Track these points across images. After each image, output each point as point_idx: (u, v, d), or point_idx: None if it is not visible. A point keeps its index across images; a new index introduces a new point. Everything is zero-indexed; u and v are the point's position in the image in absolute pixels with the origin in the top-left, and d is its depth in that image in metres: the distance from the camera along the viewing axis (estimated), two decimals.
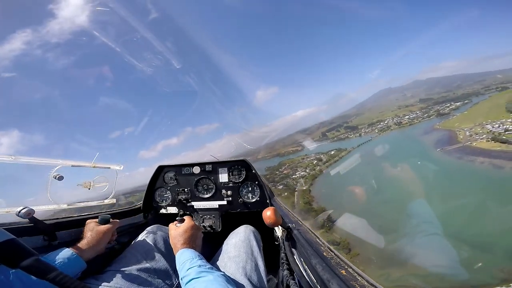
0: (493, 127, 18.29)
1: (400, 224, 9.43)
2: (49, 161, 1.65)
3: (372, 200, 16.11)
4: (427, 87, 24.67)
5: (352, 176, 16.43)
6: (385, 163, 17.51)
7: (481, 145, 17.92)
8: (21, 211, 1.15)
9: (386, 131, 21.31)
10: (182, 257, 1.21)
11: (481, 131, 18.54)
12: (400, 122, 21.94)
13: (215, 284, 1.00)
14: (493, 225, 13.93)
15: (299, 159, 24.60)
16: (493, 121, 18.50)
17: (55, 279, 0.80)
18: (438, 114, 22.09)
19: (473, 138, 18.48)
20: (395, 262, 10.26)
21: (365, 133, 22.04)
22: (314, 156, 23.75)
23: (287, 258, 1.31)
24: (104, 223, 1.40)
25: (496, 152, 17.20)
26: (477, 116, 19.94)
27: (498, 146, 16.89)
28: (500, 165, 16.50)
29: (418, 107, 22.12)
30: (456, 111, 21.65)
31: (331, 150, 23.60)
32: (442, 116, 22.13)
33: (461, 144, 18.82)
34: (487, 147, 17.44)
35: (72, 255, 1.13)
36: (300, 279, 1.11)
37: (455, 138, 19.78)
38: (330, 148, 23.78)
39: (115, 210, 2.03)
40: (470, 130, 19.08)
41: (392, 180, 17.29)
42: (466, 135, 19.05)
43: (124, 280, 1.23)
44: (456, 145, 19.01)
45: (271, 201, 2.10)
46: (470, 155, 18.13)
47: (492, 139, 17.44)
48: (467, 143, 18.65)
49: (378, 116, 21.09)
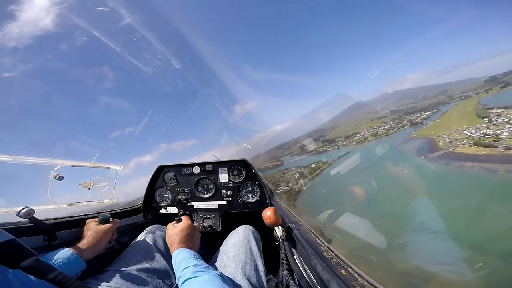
0: (471, 133, 18.35)
1: (399, 237, 9.23)
2: (49, 161, 1.65)
3: (367, 213, 15.93)
4: (395, 100, 24.95)
5: (339, 188, 16.13)
6: (372, 173, 17.30)
7: (465, 150, 17.91)
8: (21, 211, 1.15)
9: (364, 142, 21.32)
10: (178, 256, 1.21)
11: (460, 137, 18.58)
12: (376, 133, 21.96)
13: (210, 283, 1.00)
14: (496, 227, 13.89)
15: (280, 174, 24.51)
16: (469, 127, 18.59)
17: (54, 279, 0.80)
18: (411, 123, 22.26)
19: (454, 144, 18.50)
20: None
21: (342, 145, 22.00)
22: (295, 170, 23.60)
23: (287, 258, 1.31)
24: (104, 223, 1.39)
25: (483, 157, 17.16)
26: (451, 123, 20.07)
27: (483, 150, 16.91)
28: (492, 169, 16.44)
29: (390, 118, 22.25)
30: (428, 120, 21.84)
31: (311, 163, 23.45)
32: (415, 125, 22.28)
33: (444, 151, 18.80)
34: (472, 152, 17.43)
35: (71, 255, 1.13)
36: (300, 279, 1.11)
37: (436, 145, 19.78)
38: (311, 161, 23.61)
39: (115, 210, 2.03)
40: (448, 136, 19.13)
41: (384, 189, 17.13)
42: (446, 142, 19.08)
43: (123, 280, 1.23)
44: (439, 152, 18.99)
45: (271, 201, 2.10)
46: (456, 161, 18.06)
47: (474, 144, 17.46)
48: (450, 149, 18.65)
49: (353, 129, 21.14)
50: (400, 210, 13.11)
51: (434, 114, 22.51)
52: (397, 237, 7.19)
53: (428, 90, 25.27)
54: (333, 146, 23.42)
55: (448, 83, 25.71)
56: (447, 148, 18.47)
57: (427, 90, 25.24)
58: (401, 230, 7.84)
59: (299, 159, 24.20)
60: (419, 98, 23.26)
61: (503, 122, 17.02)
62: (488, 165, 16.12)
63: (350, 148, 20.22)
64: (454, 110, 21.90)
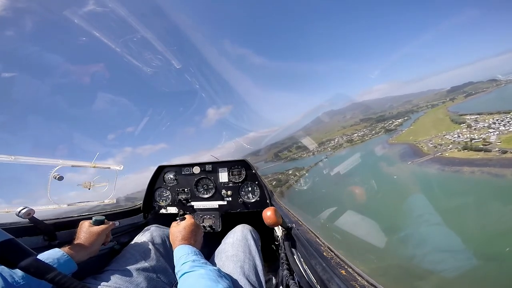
0: (453, 137, 18.17)
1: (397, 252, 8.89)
2: (49, 161, 1.65)
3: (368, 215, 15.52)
4: (364, 109, 24.96)
5: (327, 196, 15.63)
6: (359, 179, 16.77)
7: (455, 155, 17.58)
8: (21, 211, 1.15)
9: (339, 149, 21.11)
10: (178, 252, 1.22)
11: (443, 142, 18.37)
12: (351, 139, 21.81)
13: (206, 277, 1.01)
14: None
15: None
16: (449, 132, 18.46)
17: (54, 279, 0.79)
18: (385, 130, 22.17)
19: (440, 149, 18.28)
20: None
21: (317, 151, 21.85)
22: (272, 177, 23.37)
23: (287, 258, 1.31)
24: (98, 224, 1.36)
25: (479, 161, 16.81)
26: (427, 129, 19.96)
27: (476, 154, 16.66)
28: (499, 174, 16.09)
29: (362, 126, 22.18)
30: (401, 126, 21.81)
31: (288, 169, 23.16)
32: (390, 132, 22.17)
33: (431, 156, 18.48)
34: (465, 157, 17.14)
35: (63, 256, 1.11)
36: (300, 279, 1.11)
37: (420, 151, 19.51)
38: (287, 167, 23.31)
39: (115, 210, 2.03)
40: (430, 142, 18.94)
41: (379, 197, 16.67)
42: (430, 147, 18.85)
43: (123, 280, 1.23)
44: (426, 157, 18.66)
45: (271, 201, 2.10)
46: (450, 166, 17.66)
47: (464, 149, 17.21)
48: (438, 154, 18.35)
49: (326, 136, 20.95)
50: (400, 219, 12.66)
51: (405, 121, 22.58)
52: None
53: (394, 100, 25.55)
54: (308, 153, 23.26)
55: (411, 94, 26.16)
56: (434, 153, 18.26)
57: (392, 100, 25.54)
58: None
59: (273, 166, 23.78)
60: (386, 107, 23.47)
61: (484, 127, 17.01)
62: (492, 170, 15.85)
63: (326, 154, 20.02)
64: (425, 117, 21.95)
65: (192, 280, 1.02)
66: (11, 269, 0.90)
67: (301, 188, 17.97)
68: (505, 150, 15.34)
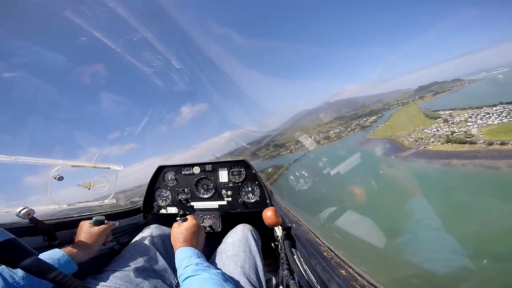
0: (432, 131, 18.15)
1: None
2: (49, 161, 1.65)
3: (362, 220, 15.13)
4: (337, 108, 25.20)
5: (316, 192, 15.26)
6: (346, 176, 16.37)
7: (440, 148, 17.47)
8: (21, 211, 1.14)
9: (317, 146, 21.12)
10: (180, 254, 1.21)
11: (423, 136, 18.34)
12: (328, 136, 21.85)
13: (210, 282, 1.00)
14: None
15: None
16: (427, 127, 18.49)
17: (55, 279, 0.80)
18: (361, 127, 22.30)
19: (422, 143, 18.21)
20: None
21: (295, 149, 21.87)
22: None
23: (287, 258, 1.31)
24: (98, 225, 1.36)
25: (467, 153, 16.66)
26: (404, 125, 20.05)
27: (461, 147, 16.55)
28: (493, 166, 15.94)
29: (337, 124, 22.33)
30: (376, 123, 22.01)
31: (267, 167, 23.07)
32: (365, 128, 22.28)
33: (414, 149, 18.36)
34: (451, 149, 17.02)
35: (63, 256, 1.11)
36: (300, 279, 1.11)
37: (401, 145, 19.47)
38: (266, 166, 23.19)
39: (115, 210, 2.03)
40: (409, 136, 18.93)
41: (371, 192, 16.41)
42: (411, 141, 18.79)
43: (123, 280, 1.23)
44: (410, 151, 18.49)
45: (271, 201, 2.10)
46: (438, 159, 17.49)
47: (447, 142, 17.12)
48: (421, 148, 18.25)
49: (302, 134, 21.14)
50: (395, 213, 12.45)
51: (379, 118, 22.72)
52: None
53: (365, 100, 25.84)
54: (285, 150, 23.20)
55: (381, 93, 26.60)
56: (416, 146, 18.15)
57: (364, 99, 25.84)
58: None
59: (253, 164, 23.51)
60: (358, 106, 23.68)
61: (462, 121, 17.08)
62: (485, 162, 15.72)
63: (304, 151, 19.96)
64: (398, 114, 22.10)
65: (196, 285, 1.00)
66: (13, 268, 0.90)
67: (293, 186, 17.89)
68: (491, 142, 15.22)
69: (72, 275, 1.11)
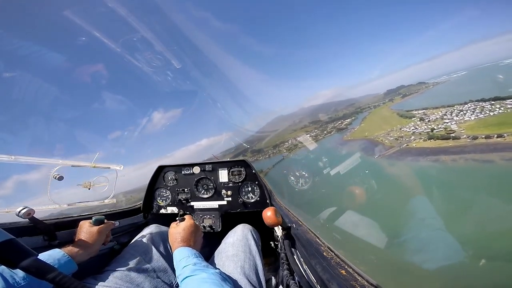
0: (411, 130, 18.30)
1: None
2: (49, 161, 1.65)
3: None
4: (310, 113, 25.50)
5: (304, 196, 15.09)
6: (334, 180, 16.34)
7: (424, 144, 17.45)
8: (21, 211, 1.14)
9: (295, 150, 21.08)
10: (178, 255, 1.21)
11: (403, 134, 18.49)
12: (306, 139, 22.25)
13: (209, 281, 1.00)
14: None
15: None
16: (404, 126, 18.73)
17: (54, 279, 0.79)
18: (337, 129, 22.60)
19: (404, 141, 18.34)
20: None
21: (273, 153, 21.90)
22: None
23: (287, 258, 1.31)
24: (98, 224, 1.36)
25: (454, 148, 16.54)
26: (380, 125, 20.27)
27: (446, 143, 16.52)
28: (486, 159, 15.79)
29: (313, 128, 22.59)
30: (351, 125, 22.40)
31: None
32: (341, 130, 22.59)
33: (397, 148, 18.44)
34: (435, 146, 17.01)
35: (63, 256, 1.11)
36: (300, 279, 1.11)
37: (382, 144, 19.68)
38: None
39: (115, 210, 2.03)
40: (388, 135, 19.10)
41: (364, 194, 16.28)
42: (391, 140, 18.94)
43: (123, 280, 1.23)
44: (392, 150, 18.56)
45: (271, 201, 2.10)
46: (425, 156, 17.39)
47: (429, 138, 17.16)
48: (404, 146, 18.34)
49: (279, 139, 21.00)
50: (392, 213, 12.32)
51: (354, 121, 23.10)
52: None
53: (338, 104, 26.45)
54: (263, 156, 23.30)
55: (352, 98, 27.39)
56: (398, 145, 18.20)
57: (336, 104, 26.48)
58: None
59: None
60: (331, 111, 24.17)
61: (438, 119, 17.28)
62: (476, 156, 15.59)
63: (283, 155, 20.10)
64: (372, 116, 22.44)
65: (195, 285, 1.00)
66: (12, 269, 0.90)
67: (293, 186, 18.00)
68: (475, 136, 15.19)
69: (72, 275, 1.12)
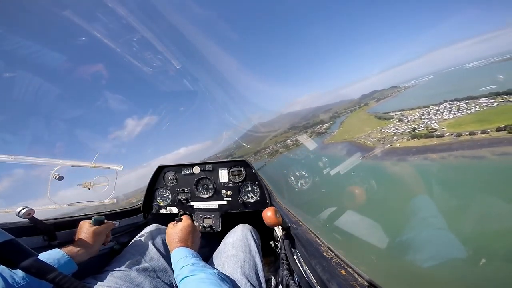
0: (392, 130, 18.30)
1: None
2: (49, 161, 1.65)
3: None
4: (289, 119, 25.97)
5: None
6: (323, 183, 16.16)
7: (408, 144, 17.37)
8: (21, 211, 1.14)
9: (276, 155, 21.30)
10: (176, 255, 1.21)
11: (385, 135, 18.47)
12: (286, 145, 22.19)
13: (207, 282, 1.00)
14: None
15: None
16: (384, 127, 18.75)
17: (54, 279, 0.79)
18: (316, 134, 22.83)
19: (386, 141, 18.30)
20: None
21: (254, 160, 21.97)
22: None
23: (287, 258, 1.31)
24: (98, 224, 1.37)
25: (440, 146, 16.43)
26: (359, 128, 20.36)
27: (430, 141, 16.44)
28: (476, 155, 15.65)
29: (292, 133, 22.88)
30: (330, 129, 22.66)
31: None
32: (321, 134, 22.86)
33: (381, 148, 18.38)
34: (420, 144, 16.95)
35: (63, 256, 1.11)
36: (300, 279, 1.11)
37: (365, 146, 19.65)
38: None
39: (115, 210, 2.03)
40: (369, 137, 19.09)
41: (356, 198, 16.13)
42: (373, 141, 18.90)
43: (123, 280, 1.23)
44: (376, 150, 18.54)
45: (271, 201, 2.10)
46: (411, 155, 17.27)
47: (413, 137, 17.14)
48: (388, 146, 18.27)
49: (259, 145, 21.15)
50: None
51: (332, 125, 23.37)
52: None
53: (315, 110, 26.86)
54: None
55: (328, 104, 27.87)
56: (381, 146, 18.14)
57: (314, 110, 26.89)
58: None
59: None
60: (309, 116, 24.42)
61: (417, 119, 17.33)
62: (465, 153, 15.42)
63: (265, 161, 20.16)
64: (349, 119, 22.66)
65: (193, 285, 1.00)
66: (12, 269, 0.90)
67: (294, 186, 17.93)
68: (459, 133, 15.12)
69: (72, 275, 1.12)
